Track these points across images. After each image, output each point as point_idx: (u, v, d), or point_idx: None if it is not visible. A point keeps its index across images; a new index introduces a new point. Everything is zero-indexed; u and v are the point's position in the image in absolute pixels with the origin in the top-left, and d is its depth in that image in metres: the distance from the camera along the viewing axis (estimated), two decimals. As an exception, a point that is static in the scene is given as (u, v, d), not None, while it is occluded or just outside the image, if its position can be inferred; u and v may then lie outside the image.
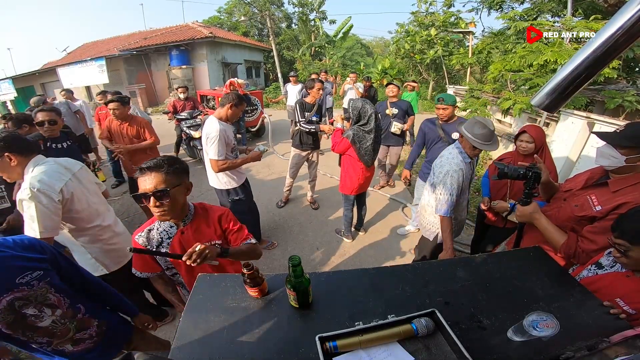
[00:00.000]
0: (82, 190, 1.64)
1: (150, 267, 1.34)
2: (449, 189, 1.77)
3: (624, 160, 1.19)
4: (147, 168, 1.14)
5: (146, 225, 1.30)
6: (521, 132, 1.97)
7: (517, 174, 1.46)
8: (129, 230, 1.89)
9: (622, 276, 1.11)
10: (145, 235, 1.28)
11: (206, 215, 1.34)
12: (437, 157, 1.95)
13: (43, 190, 1.41)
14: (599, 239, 1.22)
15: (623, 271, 1.11)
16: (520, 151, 2.00)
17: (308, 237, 3.26)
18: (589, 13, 5.13)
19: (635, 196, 1.18)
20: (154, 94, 13.04)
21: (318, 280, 1.15)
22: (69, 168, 1.64)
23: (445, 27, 11.08)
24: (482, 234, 2.49)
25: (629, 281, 1.08)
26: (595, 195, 1.31)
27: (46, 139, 2.52)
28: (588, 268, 1.24)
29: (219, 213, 1.37)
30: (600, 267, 1.19)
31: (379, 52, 22.68)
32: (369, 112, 2.41)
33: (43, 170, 1.50)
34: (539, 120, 4.45)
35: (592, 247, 1.24)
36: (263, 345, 0.93)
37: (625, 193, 1.22)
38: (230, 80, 5.52)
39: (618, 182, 1.25)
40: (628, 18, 0.43)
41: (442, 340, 0.90)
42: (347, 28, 14.95)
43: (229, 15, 18.27)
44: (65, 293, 1.09)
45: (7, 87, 12.21)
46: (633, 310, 1.03)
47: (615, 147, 1.22)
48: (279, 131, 7.08)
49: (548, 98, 0.57)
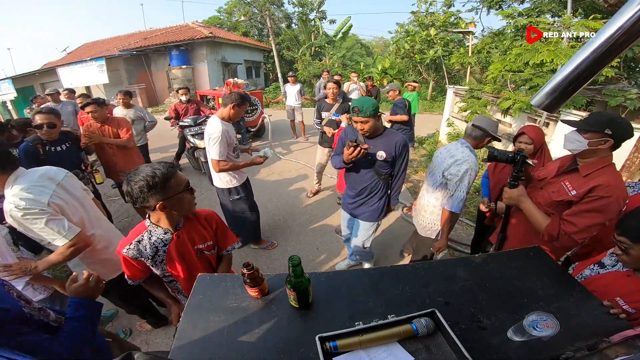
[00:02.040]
0: (70, 198, 1.55)
1: (140, 274, 1.32)
2: (467, 187, 1.80)
3: (587, 144, 1.31)
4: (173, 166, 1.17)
5: (133, 237, 1.23)
6: (520, 133, 1.96)
7: (506, 157, 1.53)
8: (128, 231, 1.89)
9: (622, 275, 1.12)
10: (134, 247, 1.22)
11: (197, 217, 1.34)
12: (447, 156, 1.87)
13: (30, 207, 1.32)
14: (578, 221, 1.32)
15: (624, 270, 1.13)
16: None
17: (308, 237, 3.26)
18: (589, 13, 5.13)
19: (604, 179, 1.29)
20: (154, 94, 13.04)
21: (318, 280, 1.15)
22: (53, 178, 1.53)
23: (445, 27, 11.09)
24: (482, 235, 2.49)
25: (629, 280, 1.09)
26: (568, 180, 1.41)
27: (45, 142, 2.41)
28: (590, 267, 1.25)
29: (206, 214, 1.39)
30: (603, 266, 1.21)
31: (379, 52, 22.66)
32: None
33: (23, 186, 1.37)
34: (538, 120, 4.45)
35: (573, 229, 1.33)
36: (263, 345, 0.93)
37: (595, 177, 1.32)
38: (226, 80, 5.42)
39: (587, 167, 1.36)
40: (628, 18, 0.43)
41: (442, 340, 0.90)
42: (346, 28, 14.95)
43: (229, 15, 18.26)
44: None
45: (7, 87, 12.18)
46: (633, 310, 1.05)
47: (580, 132, 1.34)
48: (278, 131, 7.08)
49: (548, 98, 0.57)
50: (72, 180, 1.67)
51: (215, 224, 1.39)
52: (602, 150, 1.32)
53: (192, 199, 1.24)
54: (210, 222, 1.37)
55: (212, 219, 1.39)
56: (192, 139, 4.48)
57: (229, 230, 1.48)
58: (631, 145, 2.86)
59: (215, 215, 1.42)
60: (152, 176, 1.06)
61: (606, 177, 1.29)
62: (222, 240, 1.43)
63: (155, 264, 1.27)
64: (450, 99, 6.80)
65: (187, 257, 1.30)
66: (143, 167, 1.11)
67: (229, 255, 1.49)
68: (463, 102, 5.68)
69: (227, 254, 1.48)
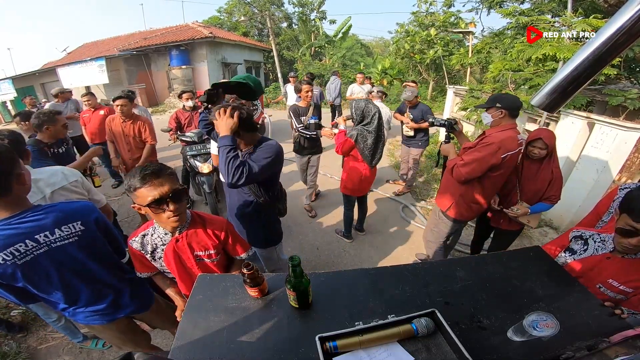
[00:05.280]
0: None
1: (148, 268, 1.35)
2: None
3: (491, 117, 1.91)
4: (152, 174, 1.06)
5: (140, 230, 1.29)
6: (536, 138, 1.91)
7: (440, 123, 2.21)
8: (127, 231, 1.89)
9: (602, 259, 1.19)
10: (139, 240, 1.27)
11: (204, 224, 1.31)
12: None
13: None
14: (465, 156, 1.90)
15: (600, 254, 1.20)
16: (531, 156, 1.95)
17: (308, 237, 3.26)
18: (589, 13, 5.12)
19: (493, 134, 1.85)
20: (154, 94, 13.03)
21: (318, 280, 1.15)
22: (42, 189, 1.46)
23: (445, 27, 11.08)
24: (484, 236, 2.49)
25: (612, 262, 1.16)
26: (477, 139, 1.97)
27: (49, 144, 2.38)
28: (561, 255, 1.33)
29: (215, 223, 1.34)
30: (573, 252, 1.30)
31: (379, 52, 22.65)
32: (372, 111, 2.42)
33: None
34: (539, 120, 4.44)
35: (461, 162, 1.90)
36: (263, 345, 0.93)
37: (489, 133, 1.90)
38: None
39: (490, 130, 1.94)
40: (628, 18, 0.42)
41: (442, 340, 0.90)
42: (346, 28, 14.95)
43: (229, 15, 18.25)
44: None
45: (7, 87, 12.19)
46: (630, 289, 1.12)
47: (486, 110, 1.93)
48: (278, 131, 7.08)
49: (548, 98, 0.56)
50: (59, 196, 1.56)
51: (225, 233, 1.34)
52: (503, 119, 1.87)
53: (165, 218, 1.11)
54: (218, 232, 1.33)
55: (222, 229, 1.34)
56: (192, 160, 3.27)
57: (241, 239, 1.45)
58: (631, 145, 2.86)
59: (227, 225, 1.37)
60: (129, 181, 1.09)
61: (497, 133, 1.84)
62: (233, 249, 1.40)
63: (154, 259, 1.30)
64: (450, 99, 6.80)
65: (184, 261, 1.29)
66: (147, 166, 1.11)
67: (241, 260, 1.46)
68: (463, 101, 5.68)
69: (239, 260, 1.46)
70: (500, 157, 1.79)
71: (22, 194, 1.06)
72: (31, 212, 1.06)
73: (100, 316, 1.30)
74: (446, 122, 2.16)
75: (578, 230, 1.35)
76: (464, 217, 2.13)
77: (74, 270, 1.17)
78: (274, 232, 1.87)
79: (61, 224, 1.11)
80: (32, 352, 2.03)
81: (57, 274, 1.12)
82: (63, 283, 1.15)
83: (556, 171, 1.93)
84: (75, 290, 1.20)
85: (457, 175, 1.93)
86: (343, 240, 3.18)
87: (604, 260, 1.19)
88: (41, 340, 2.11)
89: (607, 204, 1.57)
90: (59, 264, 1.12)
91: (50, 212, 1.10)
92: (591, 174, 3.14)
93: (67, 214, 1.14)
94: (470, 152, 1.90)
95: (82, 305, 1.25)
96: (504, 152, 1.79)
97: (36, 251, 1.05)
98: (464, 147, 2.02)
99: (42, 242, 1.06)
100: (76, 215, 1.17)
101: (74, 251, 1.14)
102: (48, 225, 1.08)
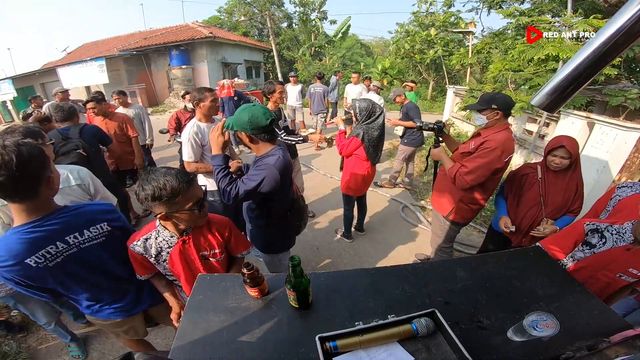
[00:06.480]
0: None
1: (149, 270, 1.35)
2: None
3: (485, 118, 1.86)
4: (193, 177, 1.13)
5: (142, 234, 1.26)
6: (558, 145, 1.67)
7: (428, 127, 2.18)
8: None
9: (622, 250, 1.20)
10: (141, 244, 1.24)
11: (209, 224, 1.32)
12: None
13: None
14: (469, 163, 1.81)
15: (621, 245, 1.21)
16: (552, 167, 1.73)
17: (308, 237, 3.26)
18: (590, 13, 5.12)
19: (493, 136, 1.77)
20: (154, 94, 13.03)
21: (318, 280, 1.15)
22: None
23: (445, 27, 11.09)
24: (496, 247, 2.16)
25: (633, 253, 1.18)
26: (473, 141, 1.89)
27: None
28: (579, 249, 1.32)
29: (219, 222, 1.36)
30: (592, 246, 1.28)
31: (379, 52, 22.65)
32: (377, 110, 2.45)
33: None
34: (539, 120, 4.44)
35: (465, 170, 1.81)
36: (263, 345, 0.93)
37: (486, 135, 1.83)
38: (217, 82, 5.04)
39: (486, 132, 1.86)
40: (628, 18, 0.42)
41: (442, 340, 0.90)
42: (346, 28, 14.96)
43: (229, 15, 18.25)
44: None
45: (7, 87, 12.18)
46: None
47: (479, 112, 1.89)
48: (279, 131, 7.09)
49: (548, 98, 0.56)
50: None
51: (228, 232, 1.37)
52: (498, 120, 1.81)
53: (199, 215, 1.19)
54: (222, 231, 1.35)
55: (225, 228, 1.36)
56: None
57: (242, 238, 1.47)
58: (631, 145, 2.86)
59: (229, 223, 1.40)
60: (160, 188, 1.03)
61: (494, 135, 1.78)
62: (235, 247, 1.42)
63: (158, 262, 1.29)
64: (450, 99, 6.80)
65: (190, 262, 1.30)
66: (160, 172, 1.08)
67: (242, 258, 1.49)
68: (463, 102, 5.68)
69: (239, 258, 1.48)
70: (504, 160, 1.77)
71: (50, 196, 1.06)
72: (59, 214, 1.05)
73: (122, 312, 1.34)
74: (435, 126, 2.12)
75: (593, 222, 1.31)
76: (466, 219, 2.12)
77: (100, 270, 1.19)
78: (275, 243, 1.82)
79: (90, 225, 1.13)
80: (32, 352, 2.03)
81: (85, 274, 1.14)
82: (90, 282, 1.17)
83: (580, 182, 1.76)
84: (101, 289, 1.23)
85: (461, 184, 1.84)
86: (343, 240, 3.18)
87: (625, 253, 1.19)
88: (41, 340, 2.11)
89: (604, 202, 1.58)
90: (86, 264, 1.13)
91: (78, 213, 1.11)
92: (591, 173, 3.14)
93: (95, 215, 1.16)
94: (472, 158, 1.81)
95: (107, 303, 1.28)
96: (507, 155, 1.77)
97: (66, 252, 1.06)
98: (461, 151, 1.95)
99: (72, 243, 1.07)
100: (103, 216, 1.18)
101: (100, 251, 1.16)
102: (77, 226, 1.09)
